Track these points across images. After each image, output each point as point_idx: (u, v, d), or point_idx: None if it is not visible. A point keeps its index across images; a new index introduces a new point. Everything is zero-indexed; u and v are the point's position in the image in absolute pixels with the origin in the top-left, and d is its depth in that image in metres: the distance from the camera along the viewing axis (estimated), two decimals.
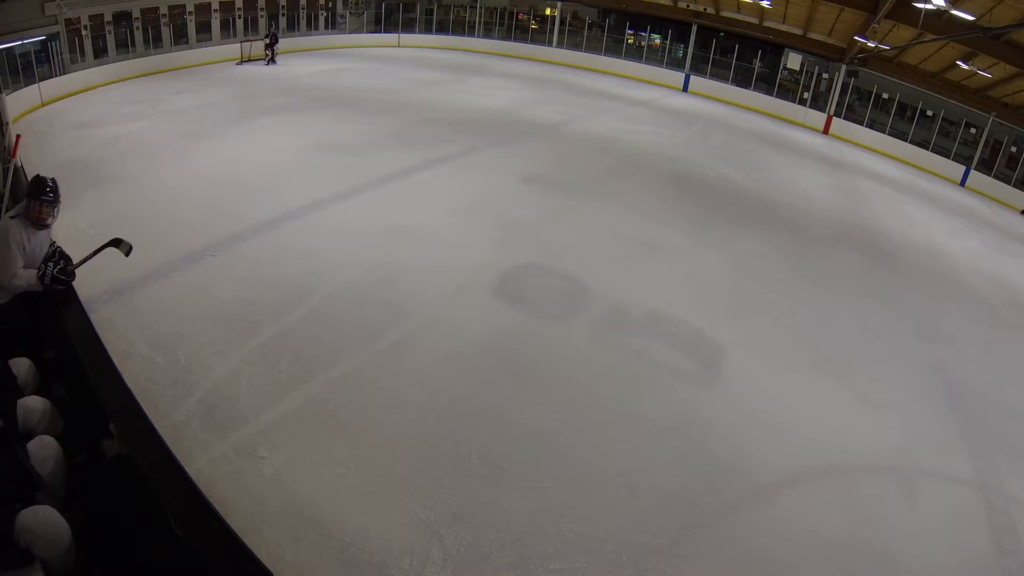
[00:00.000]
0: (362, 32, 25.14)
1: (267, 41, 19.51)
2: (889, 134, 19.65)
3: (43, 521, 2.76)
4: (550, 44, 25.49)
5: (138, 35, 17.13)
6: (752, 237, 10.27)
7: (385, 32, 25.38)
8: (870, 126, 20.19)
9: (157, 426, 3.48)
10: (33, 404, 3.40)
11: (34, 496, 2.96)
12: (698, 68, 23.38)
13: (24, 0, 13.69)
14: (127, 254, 4.65)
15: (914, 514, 5.15)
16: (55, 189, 4.16)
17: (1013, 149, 17.71)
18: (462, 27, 26.08)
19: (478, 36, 26.05)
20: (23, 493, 2.91)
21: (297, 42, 20.77)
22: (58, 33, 14.62)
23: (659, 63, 24.14)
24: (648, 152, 14.39)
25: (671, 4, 22.96)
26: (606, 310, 7.35)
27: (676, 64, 24.04)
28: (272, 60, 19.44)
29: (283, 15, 22.09)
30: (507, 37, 26.54)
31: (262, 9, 21.13)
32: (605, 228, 9.71)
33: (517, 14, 26.92)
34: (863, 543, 4.74)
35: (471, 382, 5.83)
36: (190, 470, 3.36)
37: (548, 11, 26.04)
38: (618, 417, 5.66)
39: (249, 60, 19.52)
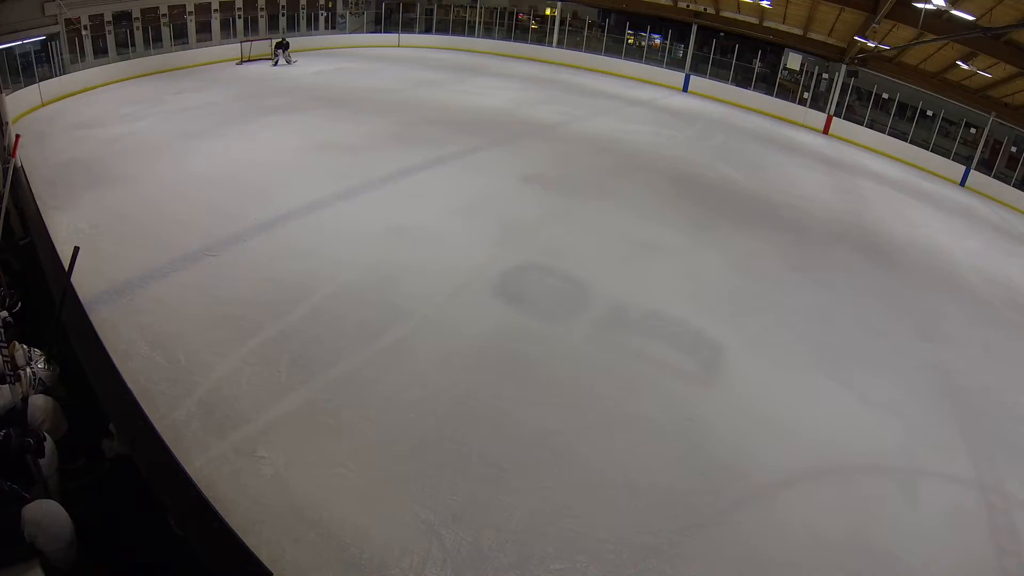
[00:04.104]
0: (362, 32, 25.10)
1: (278, 44, 19.68)
2: (889, 134, 19.62)
3: (47, 514, 2.80)
4: (550, 44, 25.46)
5: (138, 35, 17.11)
6: (752, 237, 10.27)
7: (385, 32, 25.34)
8: (870, 126, 20.16)
9: (157, 426, 3.48)
10: (39, 403, 3.43)
11: (31, 490, 2.98)
12: (698, 68, 23.35)
13: (24, 0, 13.68)
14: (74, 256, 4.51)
15: (914, 514, 5.15)
16: None
17: (1013, 149, 17.68)
18: (462, 27, 26.05)
19: (478, 36, 26.02)
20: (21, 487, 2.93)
21: (297, 42, 20.72)
22: (58, 33, 14.61)
23: (659, 63, 24.10)
24: (648, 152, 14.38)
25: (671, 4, 22.93)
26: (606, 310, 7.35)
27: (676, 64, 24.01)
28: (288, 61, 19.55)
29: (283, 15, 22.07)
30: (507, 37, 26.50)
31: (262, 9, 21.11)
32: (605, 228, 9.71)
33: (517, 14, 26.88)
34: (863, 543, 4.74)
35: (471, 382, 5.83)
36: (190, 470, 3.36)
37: (548, 11, 26.00)
38: (618, 417, 5.66)
39: (249, 60, 19.53)
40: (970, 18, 13.30)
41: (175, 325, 6.07)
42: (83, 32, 15.48)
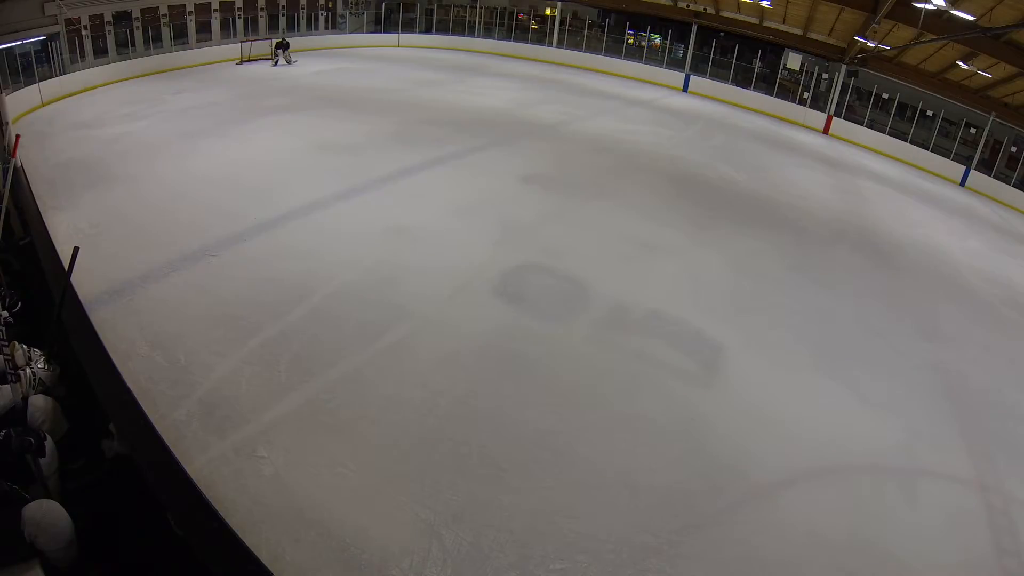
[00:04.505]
0: (362, 32, 25.09)
1: (278, 44, 19.71)
2: (889, 134, 19.61)
3: (47, 514, 2.80)
4: (550, 44, 25.44)
5: (138, 35, 17.11)
6: (752, 237, 10.27)
7: (385, 32, 25.33)
8: (870, 126, 20.15)
9: (157, 426, 3.48)
10: (39, 403, 3.43)
11: (31, 490, 2.98)
12: (698, 68, 23.33)
13: (24, 0, 13.68)
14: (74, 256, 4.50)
15: (914, 514, 5.15)
16: None
17: (1013, 149, 17.66)
18: (462, 27, 26.04)
19: (478, 36, 26.00)
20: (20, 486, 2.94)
21: (297, 42, 20.73)
22: (58, 33, 14.60)
23: (659, 63, 24.08)
24: (648, 152, 14.38)
25: (671, 4, 22.92)
26: (606, 310, 7.35)
27: (676, 64, 23.99)
28: (288, 61, 19.58)
29: (283, 15, 22.07)
30: (507, 37, 26.48)
31: (262, 9, 21.10)
32: (605, 228, 9.71)
33: (517, 14, 26.87)
34: (863, 543, 4.74)
35: (471, 382, 5.83)
36: (190, 470, 3.36)
37: (548, 11, 25.99)
38: (618, 417, 5.66)
39: (249, 60, 19.53)
40: (970, 18, 13.29)
41: (175, 325, 6.07)
42: (83, 32, 15.47)
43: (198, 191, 9.16)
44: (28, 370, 3.74)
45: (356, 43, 24.25)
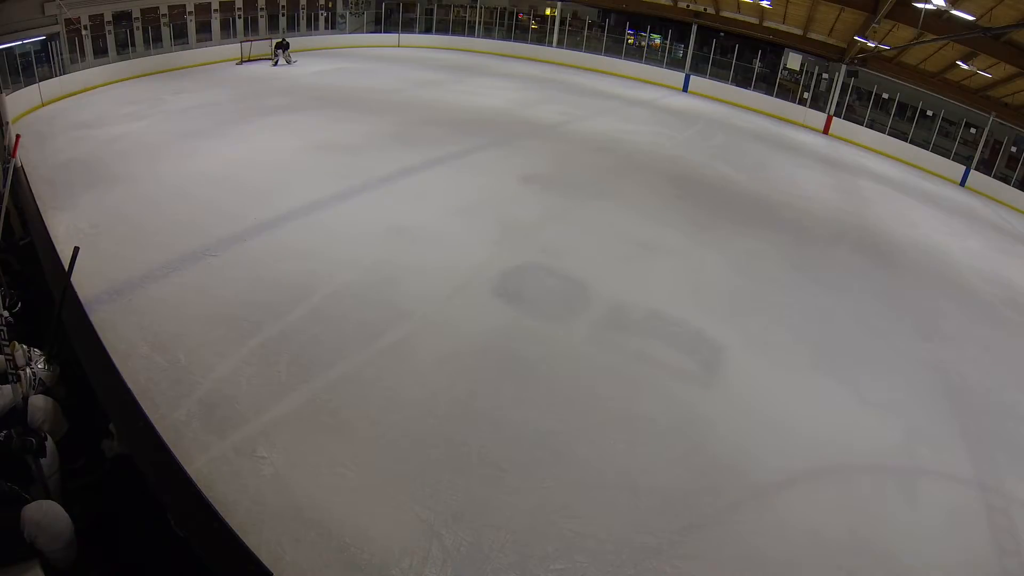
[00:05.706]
0: (362, 32, 25.10)
1: (278, 44, 19.74)
2: (889, 134, 19.62)
3: (47, 514, 2.81)
4: (550, 44, 25.46)
5: (138, 35, 17.11)
6: (752, 237, 10.27)
7: (385, 32, 25.33)
8: (870, 126, 20.16)
9: (157, 426, 3.48)
10: (39, 403, 3.44)
11: (31, 490, 2.98)
12: (698, 68, 23.34)
13: (24, 0, 13.68)
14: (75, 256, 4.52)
15: (914, 514, 5.15)
16: None
17: (1013, 149, 17.67)
18: (462, 27, 26.05)
19: (478, 36, 26.01)
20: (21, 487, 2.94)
21: (297, 42, 20.73)
22: (58, 33, 14.60)
23: (659, 63, 24.09)
24: (648, 152, 14.38)
25: (671, 4, 22.92)
26: (606, 310, 7.35)
27: (676, 64, 24.00)
28: (288, 61, 19.61)
29: (283, 15, 22.07)
30: (507, 37, 26.49)
31: (262, 9, 21.11)
32: (605, 228, 9.71)
33: (517, 14, 26.88)
34: (863, 543, 4.74)
35: (471, 382, 5.83)
36: (190, 470, 3.36)
37: (548, 11, 25.99)
38: (618, 417, 5.65)
39: (249, 60, 19.53)
40: (970, 18, 13.29)
41: (175, 325, 6.07)
42: (83, 32, 15.47)
43: (198, 191, 9.16)
44: (28, 370, 3.74)
45: (356, 43, 24.26)
